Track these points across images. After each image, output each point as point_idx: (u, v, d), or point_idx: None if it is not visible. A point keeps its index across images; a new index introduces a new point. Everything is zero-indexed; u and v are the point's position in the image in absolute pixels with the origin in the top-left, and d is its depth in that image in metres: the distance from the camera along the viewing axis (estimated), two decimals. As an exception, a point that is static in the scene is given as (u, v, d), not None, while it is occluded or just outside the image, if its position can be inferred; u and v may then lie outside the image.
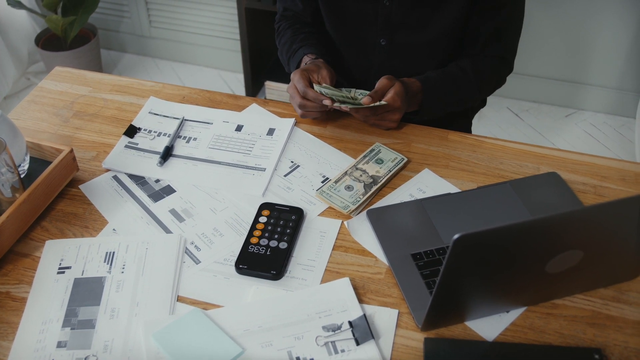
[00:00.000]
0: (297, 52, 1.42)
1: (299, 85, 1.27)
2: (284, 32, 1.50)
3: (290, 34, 1.48)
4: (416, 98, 1.33)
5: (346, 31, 1.43)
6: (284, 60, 1.51)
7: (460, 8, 1.31)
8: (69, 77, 1.48)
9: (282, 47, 1.50)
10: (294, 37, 1.47)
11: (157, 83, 1.46)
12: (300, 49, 1.42)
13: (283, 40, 1.50)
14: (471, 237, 0.76)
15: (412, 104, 1.33)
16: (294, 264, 1.06)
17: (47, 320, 0.97)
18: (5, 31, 2.84)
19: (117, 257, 1.06)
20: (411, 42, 1.38)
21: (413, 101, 1.32)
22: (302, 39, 1.45)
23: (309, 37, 1.46)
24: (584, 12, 2.55)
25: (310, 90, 1.25)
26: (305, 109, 1.28)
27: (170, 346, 0.92)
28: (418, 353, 0.93)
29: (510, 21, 1.38)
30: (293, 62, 1.44)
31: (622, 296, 1.01)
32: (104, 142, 1.30)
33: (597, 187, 1.20)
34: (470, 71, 1.37)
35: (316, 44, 1.44)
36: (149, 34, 3.13)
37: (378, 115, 1.27)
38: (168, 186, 1.20)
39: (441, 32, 1.36)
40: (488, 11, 1.33)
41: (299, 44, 1.44)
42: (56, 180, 1.15)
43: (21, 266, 1.06)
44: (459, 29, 1.36)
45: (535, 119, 2.80)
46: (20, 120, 1.35)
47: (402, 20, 1.35)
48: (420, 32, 1.36)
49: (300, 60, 1.41)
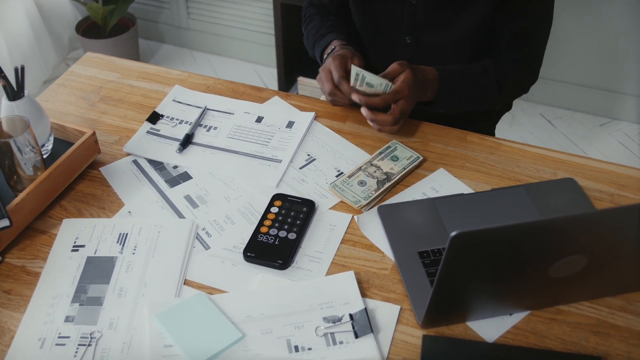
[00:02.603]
0: (325, 37, 1.41)
1: (335, 73, 1.24)
2: (312, 18, 1.51)
3: (319, 20, 1.48)
4: (431, 86, 1.29)
5: (373, 28, 1.44)
6: (309, 44, 1.50)
7: (485, 10, 1.30)
8: (99, 62, 1.52)
9: (309, 32, 1.49)
10: (322, 22, 1.46)
11: (183, 72, 1.49)
12: (328, 34, 1.41)
13: (310, 26, 1.49)
14: (469, 236, 0.77)
15: (427, 92, 1.29)
16: (301, 255, 1.07)
17: (57, 295, 1.00)
18: (48, 17, 2.92)
19: (129, 238, 1.09)
20: (436, 42, 1.38)
21: (427, 89, 1.29)
22: (330, 25, 1.44)
23: (337, 24, 1.45)
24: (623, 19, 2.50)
25: (345, 83, 1.22)
26: (334, 97, 1.26)
27: (173, 327, 0.94)
28: (416, 350, 0.94)
29: (534, 27, 1.35)
30: (319, 45, 1.42)
31: (630, 306, 1.00)
32: (127, 127, 1.33)
33: (614, 196, 1.18)
34: (491, 71, 1.35)
35: (345, 31, 1.44)
36: (187, 25, 3.18)
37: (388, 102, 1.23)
38: (185, 172, 1.23)
39: (466, 33, 1.35)
40: (510, 14, 1.32)
41: (327, 29, 1.43)
42: (77, 162, 1.19)
43: (38, 242, 1.09)
44: (484, 31, 1.36)
45: (569, 126, 2.76)
46: (48, 103, 1.39)
47: (427, 20, 1.35)
48: (445, 32, 1.36)
49: (328, 45, 1.39)
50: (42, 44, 2.87)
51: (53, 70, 2.96)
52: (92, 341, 0.94)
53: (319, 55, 1.43)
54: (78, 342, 0.94)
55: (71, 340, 0.94)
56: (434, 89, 1.30)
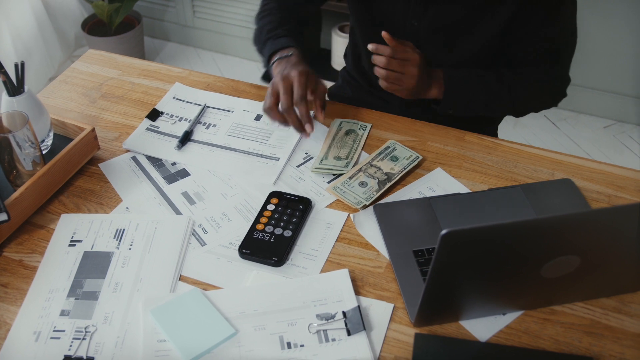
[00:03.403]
0: (280, 38, 1.34)
1: (298, 90, 1.17)
2: (270, 12, 1.42)
3: (278, 17, 1.41)
4: (436, 82, 1.30)
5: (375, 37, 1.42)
6: (259, 39, 1.40)
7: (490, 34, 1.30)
8: (100, 59, 1.53)
9: (264, 25, 1.40)
10: (280, 21, 1.39)
11: (184, 70, 1.50)
12: (285, 37, 1.34)
13: (266, 20, 1.41)
14: (459, 234, 0.77)
15: (431, 87, 1.30)
16: (296, 253, 1.07)
17: (54, 289, 1.01)
18: (54, 15, 2.94)
19: (126, 234, 1.09)
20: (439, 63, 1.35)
21: (432, 83, 1.29)
22: (289, 30, 1.37)
23: (296, 30, 1.39)
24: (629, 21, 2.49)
25: (303, 106, 1.17)
26: (289, 114, 1.17)
27: (167, 322, 0.94)
28: (409, 348, 0.94)
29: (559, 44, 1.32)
30: (272, 44, 1.34)
31: (624, 307, 1.00)
32: (127, 124, 1.34)
33: (611, 197, 1.18)
34: (507, 82, 1.33)
35: (302, 41, 1.37)
36: (192, 24, 3.19)
37: (397, 59, 1.23)
38: (183, 169, 1.23)
39: (470, 55, 1.34)
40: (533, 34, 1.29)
41: (284, 31, 1.36)
42: (76, 157, 1.19)
43: (36, 237, 1.10)
44: (490, 51, 1.34)
45: (573, 128, 2.75)
46: (50, 99, 1.40)
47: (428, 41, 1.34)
48: (448, 53, 1.35)
49: (283, 48, 1.31)
50: (48, 42, 2.89)
51: (59, 67, 2.98)
52: (87, 335, 0.94)
53: (268, 54, 1.34)
54: (73, 335, 0.94)
55: (66, 334, 0.94)
56: (438, 85, 1.30)
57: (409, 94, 1.29)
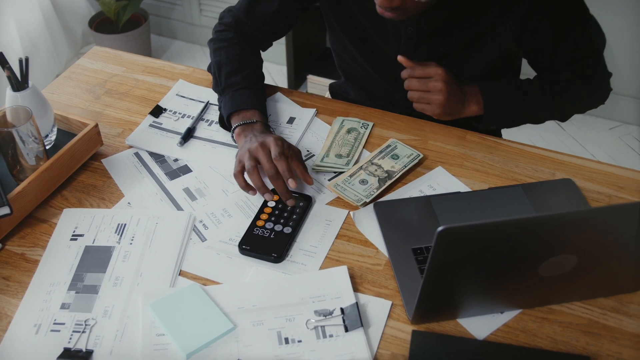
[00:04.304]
0: (241, 92, 1.27)
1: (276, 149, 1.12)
2: (229, 46, 1.34)
3: (238, 52, 1.34)
4: (473, 95, 1.26)
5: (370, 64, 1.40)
6: (218, 81, 1.31)
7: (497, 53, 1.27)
8: (105, 56, 1.54)
9: (222, 65, 1.32)
10: (241, 60, 1.33)
11: (188, 67, 1.51)
12: (246, 89, 1.27)
13: (224, 56, 1.33)
14: (456, 231, 0.77)
15: (465, 104, 1.27)
16: (296, 249, 1.08)
17: (55, 282, 1.02)
18: (62, 12, 2.95)
19: (127, 229, 1.10)
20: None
21: (468, 97, 1.26)
22: (250, 74, 1.32)
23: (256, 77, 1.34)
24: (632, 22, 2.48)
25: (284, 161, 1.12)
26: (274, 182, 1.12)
27: (165, 316, 0.95)
28: (406, 345, 0.94)
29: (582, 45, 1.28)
30: (232, 101, 1.26)
31: (622, 307, 1.00)
32: (131, 120, 1.35)
33: (612, 197, 1.18)
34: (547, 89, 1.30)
35: (262, 88, 1.35)
36: (199, 22, 3.20)
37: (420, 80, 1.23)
38: (185, 166, 1.24)
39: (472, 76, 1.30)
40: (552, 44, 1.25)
41: (245, 82, 1.29)
42: (79, 153, 1.20)
43: (38, 231, 1.11)
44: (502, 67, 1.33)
45: (578, 129, 2.74)
46: (54, 95, 1.41)
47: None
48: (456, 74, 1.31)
49: (243, 109, 1.25)
50: (55, 39, 2.91)
51: (66, 64, 3.00)
52: (86, 328, 0.95)
53: (229, 110, 1.25)
54: (72, 328, 0.95)
55: (66, 327, 0.95)
56: (476, 100, 1.27)
57: (442, 112, 1.25)
